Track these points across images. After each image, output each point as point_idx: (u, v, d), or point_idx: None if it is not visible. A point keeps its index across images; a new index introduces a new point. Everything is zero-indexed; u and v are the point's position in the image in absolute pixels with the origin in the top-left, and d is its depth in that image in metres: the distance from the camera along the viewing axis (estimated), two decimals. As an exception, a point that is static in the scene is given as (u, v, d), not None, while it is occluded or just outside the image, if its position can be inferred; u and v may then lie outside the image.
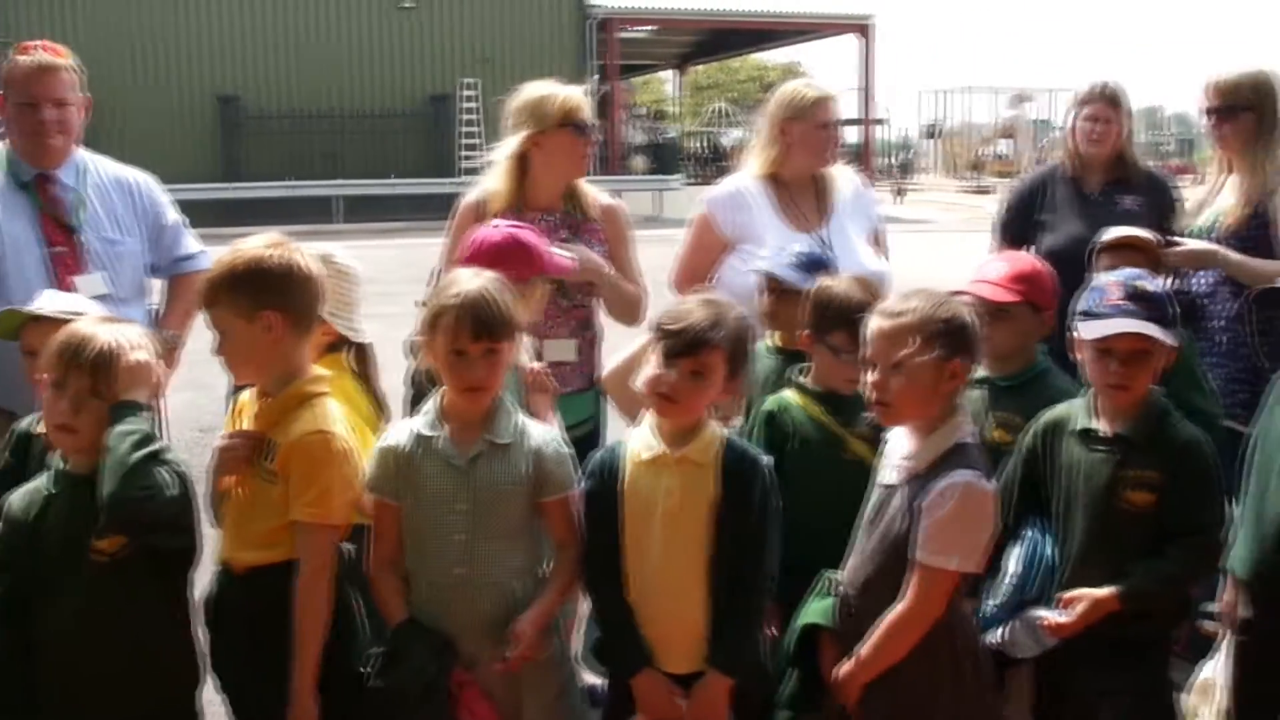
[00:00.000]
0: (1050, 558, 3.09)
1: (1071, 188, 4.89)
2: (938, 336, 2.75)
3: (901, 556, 2.77)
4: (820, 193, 4.52)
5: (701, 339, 2.83)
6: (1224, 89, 4.62)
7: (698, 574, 2.89)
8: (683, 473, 2.90)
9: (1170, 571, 2.97)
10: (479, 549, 2.92)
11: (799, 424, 3.34)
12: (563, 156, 4.22)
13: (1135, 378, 3.02)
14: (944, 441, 2.80)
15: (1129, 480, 3.00)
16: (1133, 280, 3.09)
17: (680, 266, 4.60)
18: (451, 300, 2.90)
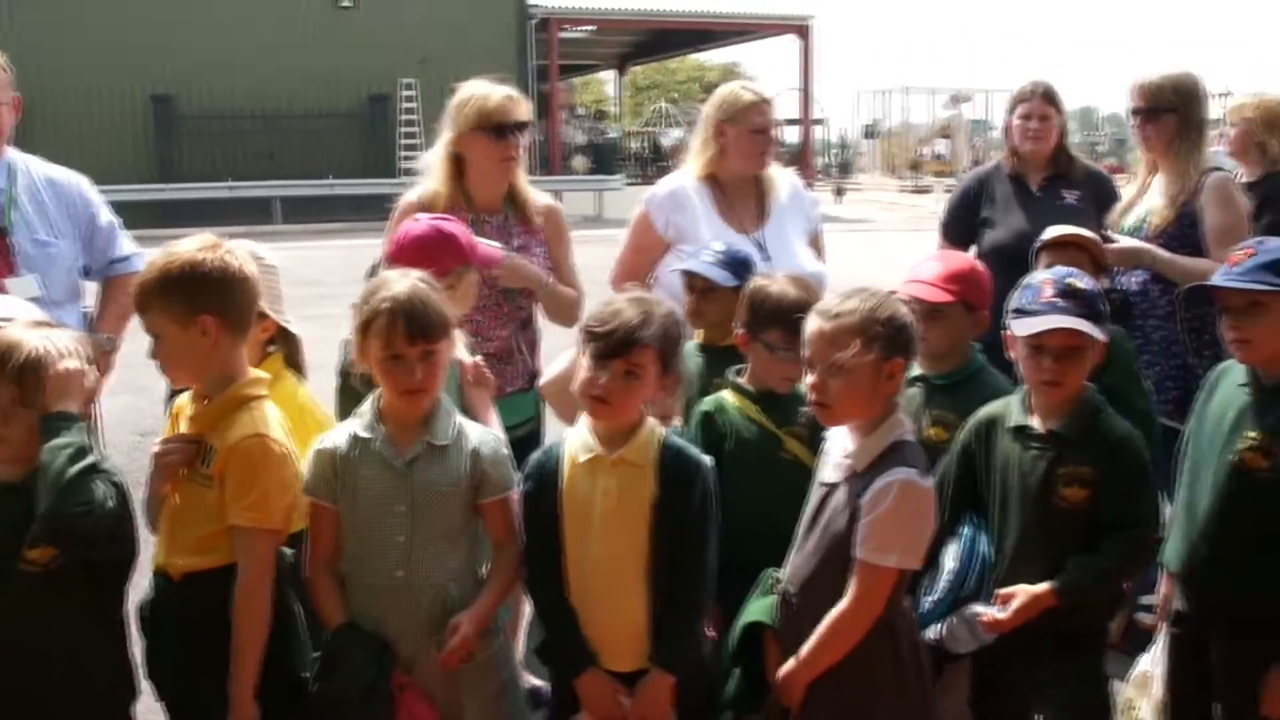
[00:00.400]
0: (986, 554, 3.12)
1: (1013, 185, 4.96)
2: (877, 337, 2.76)
3: (842, 555, 2.78)
4: (760, 195, 4.54)
5: (630, 338, 2.82)
6: (1147, 91, 4.71)
7: (638, 573, 2.89)
8: (620, 474, 2.90)
9: (1104, 566, 3.00)
10: (418, 551, 2.90)
11: (735, 424, 3.35)
12: (483, 159, 4.22)
13: (1068, 374, 3.04)
14: (883, 440, 2.81)
15: (1063, 476, 3.03)
16: (1064, 278, 3.12)
17: (619, 265, 4.62)
18: (383, 304, 2.88)
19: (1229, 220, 4.49)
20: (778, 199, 4.55)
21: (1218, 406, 3.23)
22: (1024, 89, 5.02)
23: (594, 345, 2.86)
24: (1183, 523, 3.26)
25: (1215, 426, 3.20)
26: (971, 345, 3.52)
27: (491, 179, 4.26)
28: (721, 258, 3.82)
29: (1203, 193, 4.55)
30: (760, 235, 4.42)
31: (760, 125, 4.45)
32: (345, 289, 3.95)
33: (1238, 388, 3.18)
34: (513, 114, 4.21)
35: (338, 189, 27.51)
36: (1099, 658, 3.16)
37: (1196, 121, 4.65)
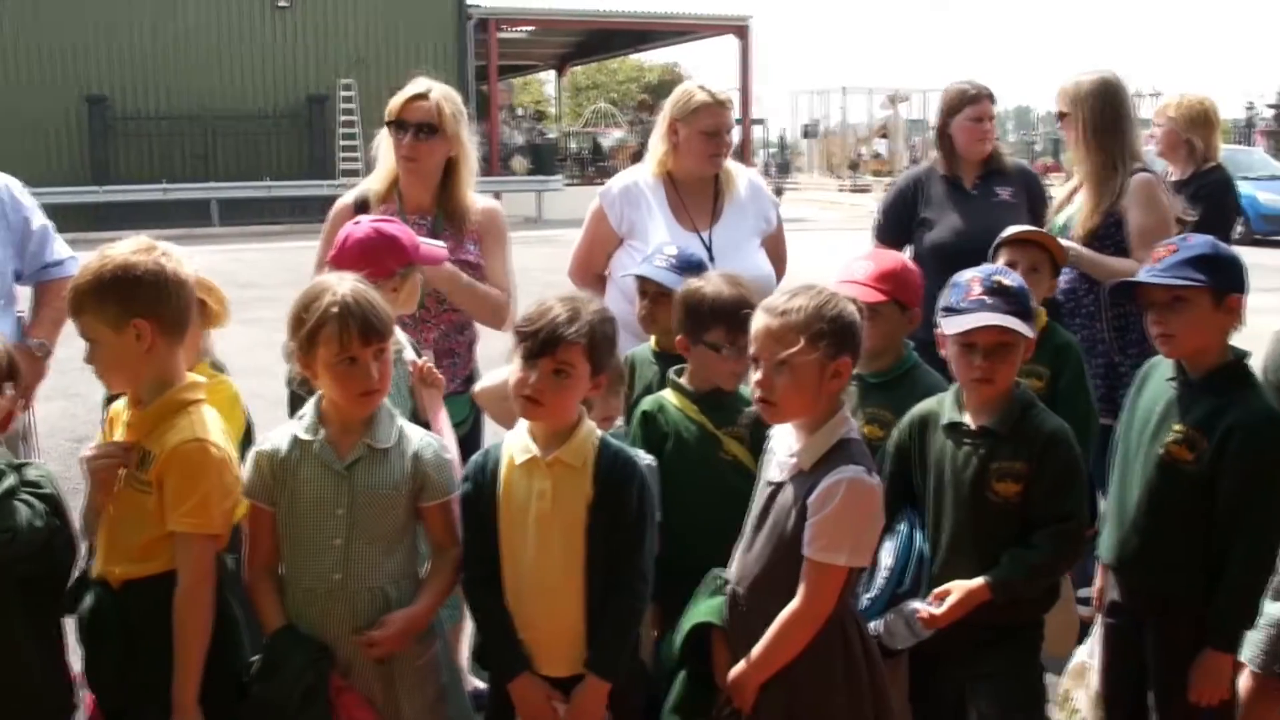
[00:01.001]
0: (923, 550, 3.15)
1: (948, 184, 5.00)
2: (824, 335, 2.75)
3: (791, 554, 2.77)
4: (716, 193, 4.53)
5: (557, 336, 2.80)
6: (1063, 95, 4.83)
7: (574, 576, 2.88)
8: (556, 475, 2.89)
9: (1038, 560, 3.03)
10: (356, 554, 2.89)
11: (675, 424, 3.36)
12: (397, 155, 4.24)
13: (998, 371, 3.07)
14: (828, 438, 2.80)
15: (996, 472, 3.06)
16: (992, 275, 3.14)
17: (574, 258, 4.62)
18: (330, 309, 2.85)
19: (1151, 221, 4.56)
20: (733, 198, 4.53)
21: (1147, 401, 3.29)
22: (968, 92, 5.02)
23: (523, 345, 2.85)
24: (1114, 515, 3.32)
25: (1144, 421, 3.26)
26: (905, 343, 3.55)
27: (408, 180, 4.26)
28: (674, 262, 3.80)
29: (1126, 194, 4.62)
30: (708, 234, 4.42)
31: (711, 127, 4.41)
32: (283, 292, 3.95)
33: (1165, 382, 3.24)
34: (412, 113, 4.20)
35: (275, 191, 27.25)
36: (1034, 650, 3.19)
37: (1109, 124, 4.70)
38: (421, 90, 4.24)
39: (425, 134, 4.19)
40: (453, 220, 4.26)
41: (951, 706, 3.17)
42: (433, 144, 4.21)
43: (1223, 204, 5.61)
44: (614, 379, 3.03)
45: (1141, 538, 3.21)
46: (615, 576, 2.89)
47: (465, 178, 4.32)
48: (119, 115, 28.47)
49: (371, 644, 2.87)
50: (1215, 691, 3.09)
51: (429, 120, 4.19)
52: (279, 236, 22.01)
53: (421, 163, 4.22)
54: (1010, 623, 3.09)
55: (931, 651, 3.11)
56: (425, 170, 4.25)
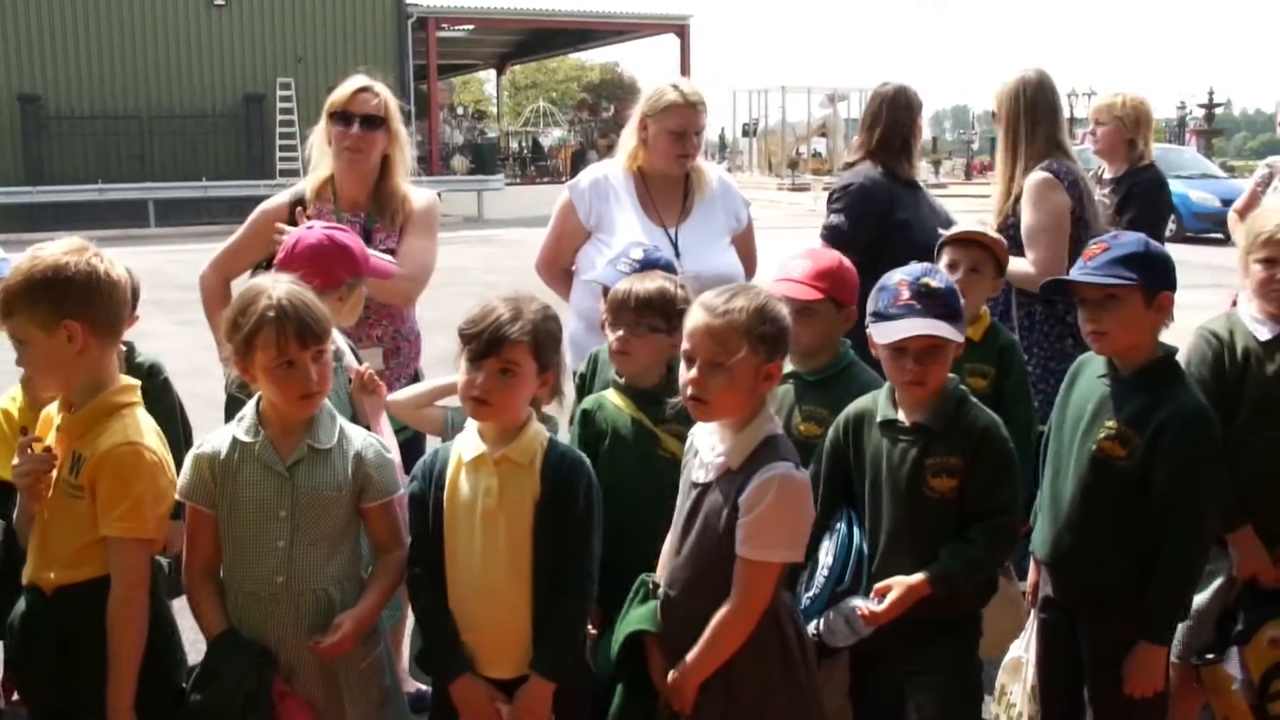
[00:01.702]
0: (861, 547, 3.15)
1: (899, 182, 4.96)
2: (764, 339, 2.75)
3: (723, 554, 2.76)
4: (686, 190, 4.52)
5: (501, 336, 2.80)
6: (993, 96, 4.88)
7: (519, 576, 2.87)
8: (502, 473, 2.88)
9: (975, 554, 3.05)
10: (298, 556, 2.87)
11: (614, 421, 3.36)
12: (335, 148, 4.23)
13: (930, 373, 3.08)
14: (755, 435, 2.80)
15: (931, 467, 3.07)
16: (919, 278, 3.14)
17: (542, 252, 4.61)
18: (268, 313, 2.82)
19: (1036, 220, 4.61)
20: (703, 196, 4.53)
21: (1078, 398, 3.33)
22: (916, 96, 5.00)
23: (468, 347, 2.84)
24: (1048, 511, 3.35)
25: (1076, 417, 3.30)
26: (842, 341, 3.56)
27: (347, 173, 4.25)
28: (638, 266, 3.75)
29: (1022, 194, 4.68)
30: (675, 230, 4.42)
31: (678, 127, 4.39)
32: (220, 293, 3.92)
33: (1096, 379, 3.29)
34: (359, 105, 4.20)
35: (213, 191, 26.95)
36: (972, 644, 3.21)
37: (1018, 123, 4.75)
38: (365, 84, 4.24)
39: (371, 126, 4.19)
40: (385, 214, 4.26)
41: (891, 702, 3.18)
42: (377, 136, 4.21)
43: (1156, 202, 5.69)
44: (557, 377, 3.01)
45: (1075, 533, 3.25)
46: (562, 576, 2.88)
47: (400, 173, 4.32)
48: (53, 114, 28.03)
49: (322, 648, 2.83)
50: (1149, 684, 3.13)
51: (376, 113, 4.20)
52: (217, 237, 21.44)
53: (365, 154, 4.21)
54: (948, 617, 3.11)
55: (870, 648, 3.13)
56: (366, 163, 4.24)
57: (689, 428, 3.04)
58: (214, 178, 27.47)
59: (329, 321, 2.93)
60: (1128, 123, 5.72)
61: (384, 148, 4.26)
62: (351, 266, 3.54)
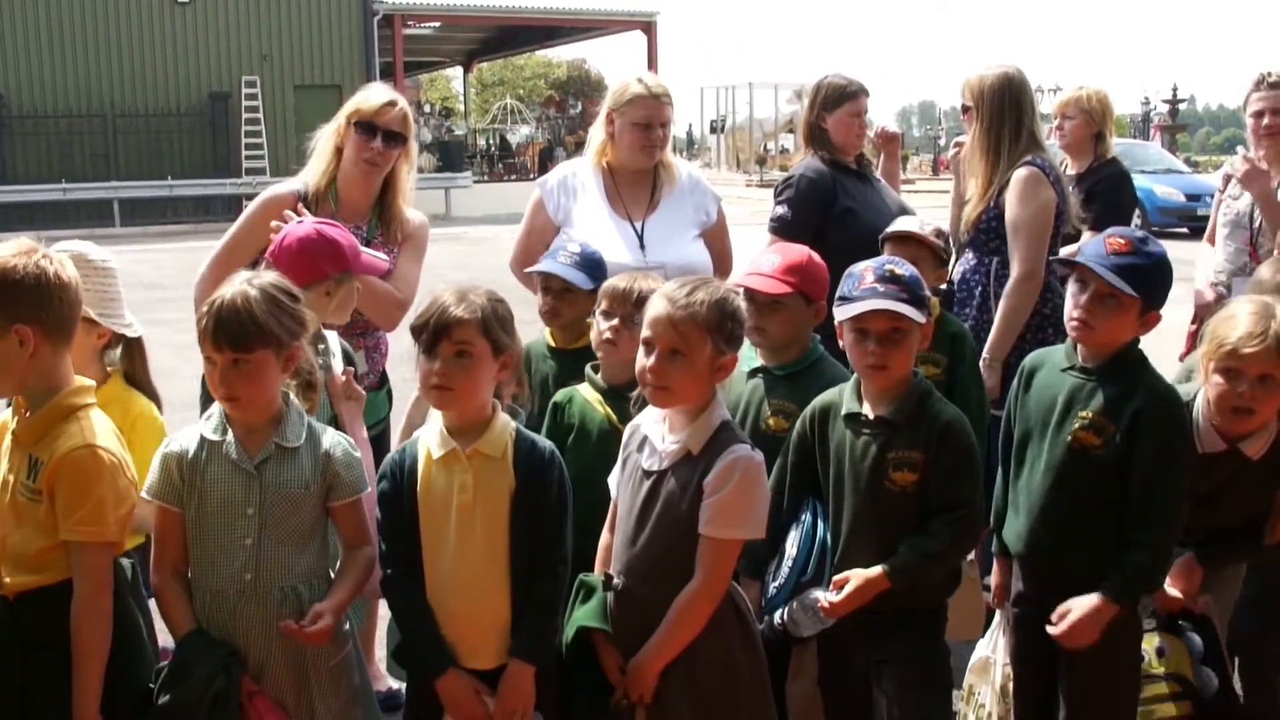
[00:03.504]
0: (825, 539, 3.19)
1: (847, 172, 4.99)
2: (721, 331, 2.85)
3: (685, 537, 2.83)
4: (654, 184, 4.55)
5: (448, 318, 2.84)
6: (966, 88, 4.91)
7: (497, 568, 2.90)
8: (476, 467, 2.91)
9: (934, 548, 3.08)
10: (266, 554, 2.88)
11: (581, 416, 3.40)
12: (351, 155, 4.22)
13: (891, 357, 3.10)
14: (712, 422, 2.89)
15: (893, 460, 3.10)
16: (885, 265, 3.18)
17: (515, 249, 4.63)
18: (205, 307, 2.87)
19: (1024, 214, 4.64)
20: (671, 190, 4.56)
21: (1042, 392, 3.35)
22: (841, 85, 5.01)
23: (421, 340, 2.88)
24: (1021, 506, 3.36)
25: (1044, 411, 3.32)
26: (811, 335, 3.59)
27: (356, 182, 4.24)
28: (578, 259, 3.83)
29: (1008, 187, 4.70)
30: (641, 224, 4.45)
31: (643, 119, 4.42)
32: (187, 293, 3.89)
33: (1061, 373, 3.31)
34: (388, 119, 4.21)
35: (178, 190, 26.79)
36: (936, 634, 3.24)
37: (1002, 120, 4.77)
38: (393, 98, 4.25)
39: (395, 142, 4.22)
40: (386, 229, 4.28)
41: (858, 690, 3.21)
42: (397, 152, 4.24)
43: (1120, 197, 5.73)
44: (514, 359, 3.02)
45: (1052, 524, 3.26)
46: (538, 564, 2.92)
47: (406, 189, 4.35)
48: (15, 114, 27.78)
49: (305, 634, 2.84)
50: (1084, 634, 3.11)
51: (401, 130, 4.23)
52: (182, 236, 21.65)
53: (382, 169, 4.23)
54: (914, 607, 3.15)
55: (838, 638, 3.16)
56: (379, 177, 4.26)
57: None
58: (179, 176, 27.30)
59: (267, 335, 2.87)
60: (1095, 116, 5.76)
61: (396, 163, 4.28)
62: (338, 261, 3.54)
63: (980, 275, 4.79)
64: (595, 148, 4.57)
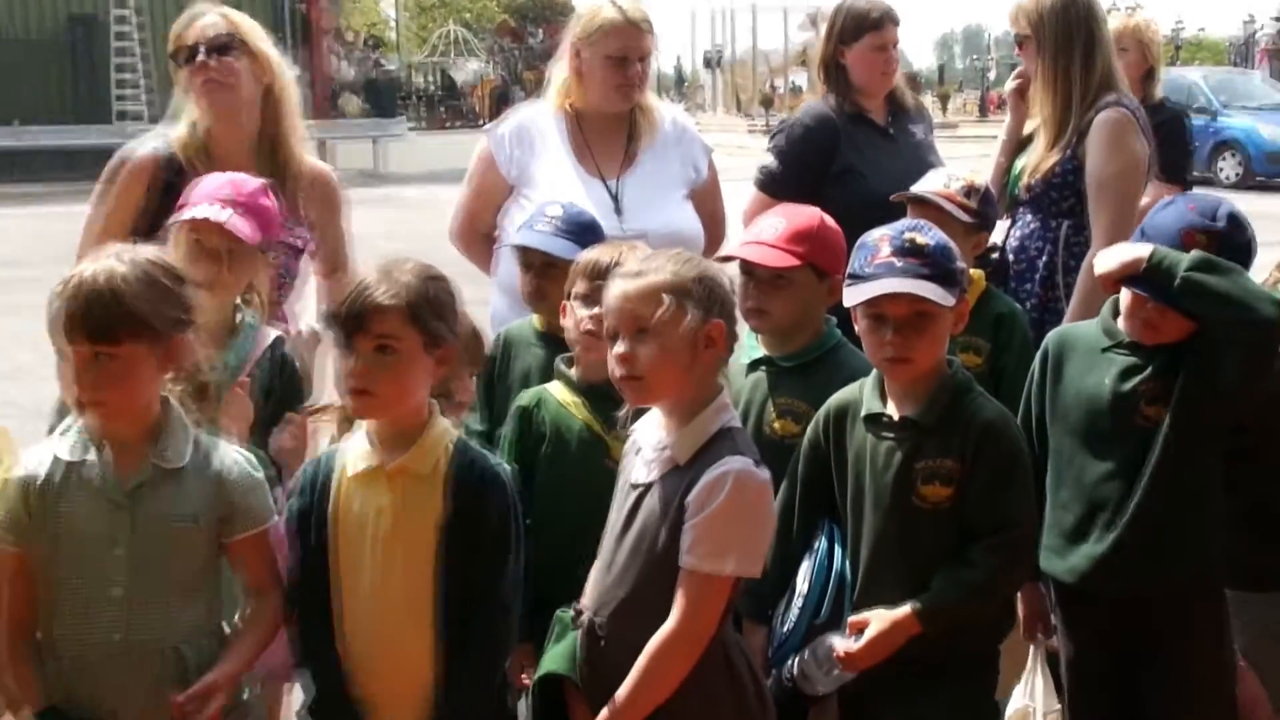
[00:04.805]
0: (843, 571, 3.19)
1: (864, 125, 5.02)
2: (690, 294, 2.83)
3: (664, 567, 2.82)
4: (631, 134, 4.57)
5: (367, 304, 2.81)
6: (1019, 13, 4.88)
7: (421, 614, 2.90)
8: (400, 487, 2.91)
9: (976, 580, 3.07)
10: (141, 606, 2.86)
11: (555, 423, 3.42)
12: (197, 90, 4.21)
13: (915, 348, 3.10)
14: (707, 426, 2.86)
15: (921, 471, 3.10)
16: (904, 232, 3.18)
17: (457, 215, 4.66)
18: (58, 287, 2.84)
19: (1113, 169, 4.62)
20: (653, 141, 4.58)
21: (1083, 379, 3.40)
22: (862, 11, 5.02)
23: (337, 332, 2.87)
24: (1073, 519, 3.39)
25: (1088, 398, 3.37)
26: (826, 319, 3.59)
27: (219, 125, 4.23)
28: (561, 225, 3.80)
29: (1090, 133, 4.67)
30: (616, 183, 4.48)
31: (618, 51, 4.43)
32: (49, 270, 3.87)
33: (1101, 353, 3.38)
34: (200, 31, 4.19)
35: (30, 139, 26.63)
36: (984, 692, 3.26)
37: (1070, 47, 4.74)
38: (201, 8, 4.25)
39: (226, 52, 4.18)
40: (280, 179, 4.20)
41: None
42: (240, 62, 4.20)
43: (1182, 147, 5.77)
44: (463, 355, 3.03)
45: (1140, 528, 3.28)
46: (472, 609, 2.91)
47: (291, 119, 4.33)
48: None
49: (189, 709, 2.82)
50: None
51: (223, 33, 4.20)
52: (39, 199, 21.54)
53: (233, 89, 4.20)
54: (954, 656, 3.14)
55: (860, 696, 3.16)
56: (237, 100, 4.22)
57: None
58: (31, 122, 27.13)
59: (145, 323, 2.85)
60: (1152, 49, 5.77)
61: (259, 79, 4.25)
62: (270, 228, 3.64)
63: (1045, 242, 4.76)
64: (558, 88, 4.58)
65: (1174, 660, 3.31)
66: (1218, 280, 3.15)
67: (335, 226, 4.36)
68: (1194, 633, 3.32)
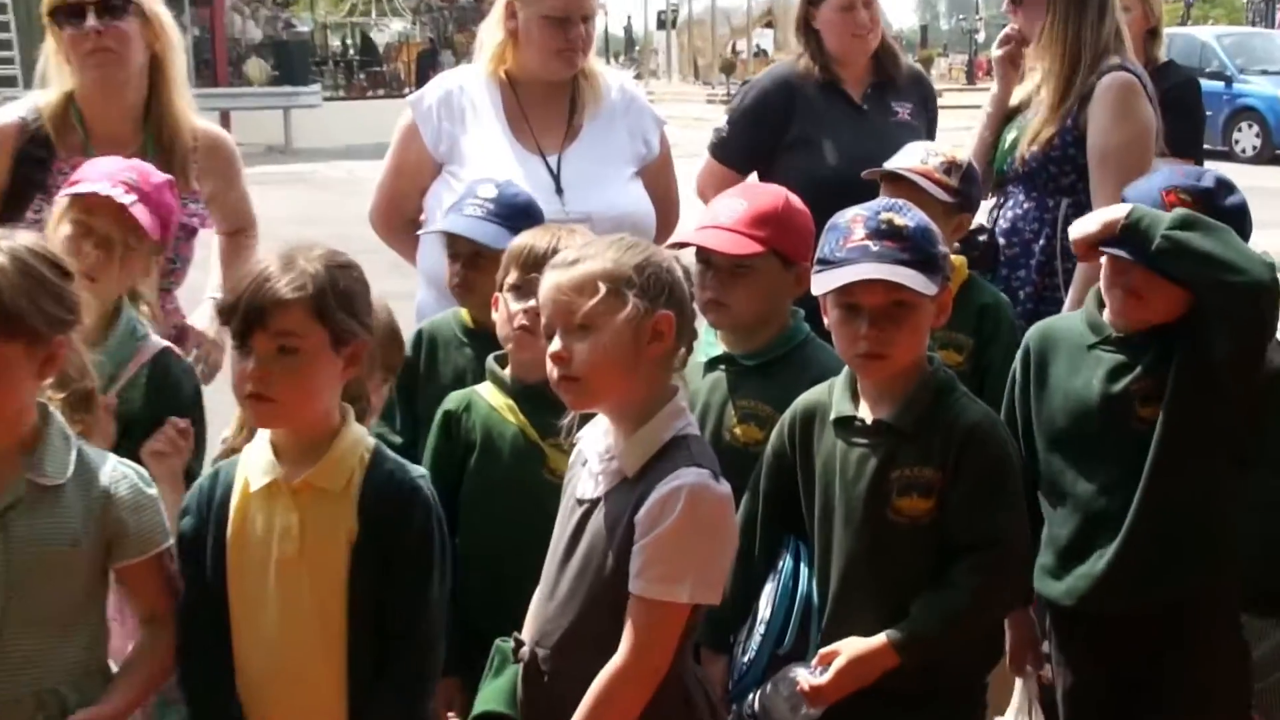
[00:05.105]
0: (809, 594, 3.21)
1: (832, 95, 5.06)
2: (632, 283, 2.82)
3: (613, 593, 2.82)
4: (573, 104, 4.59)
5: (264, 299, 2.78)
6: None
7: (330, 647, 2.89)
8: (306, 504, 2.89)
9: (959, 605, 3.08)
10: (12, 644, 2.83)
11: (485, 430, 3.43)
12: (78, 57, 4.19)
13: (892, 342, 3.10)
14: (658, 434, 2.86)
15: (898, 481, 3.11)
16: (880, 213, 3.19)
17: (377, 197, 4.68)
18: None
19: (1116, 139, 4.66)
20: (598, 112, 4.60)
21: (1069, 380, 3.45)
22: None
23: (231, 330, 2.85)
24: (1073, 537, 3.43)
25: (1076, 402, 3.42)
26: (793, 311, 3.61)
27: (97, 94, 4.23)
28: (493, 208, 3.81)
29: (1093, 99, 4.72)
30: (558, 160, 4.49)
31: (558, 9, 4.43)
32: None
33: (1086, 351, 3.43)
34: None
35: None
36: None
37: (1087, 4, 4.77)
38: None
39: (118, 14, 4.17)
40: (168, 152, 4.23)
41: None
42: (129, 29, 4.19)
43: (1196, 114, 5.82)
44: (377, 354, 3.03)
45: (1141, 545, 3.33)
46: (392, 642, 2.90)
47: (177, 82, 4.32)
48: None
49: None
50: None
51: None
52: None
53: (121, 57, 4.19)
54: (935, 688, 3.16)
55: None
56: (123, 71, 4.22)
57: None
58: None
59: (21, 319, 2.79)
60: (1155, 7, 5.82)
61: (144, 46, 4.25)
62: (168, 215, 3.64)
63: (1042, 224, 4.81)
64: (491, 52, 4.58)
65: (1183, 686, 3.35)
66: (1202, 239, 3.18)
67: (235, 190, 4.39)
68: (1205, 655, 3.36)
